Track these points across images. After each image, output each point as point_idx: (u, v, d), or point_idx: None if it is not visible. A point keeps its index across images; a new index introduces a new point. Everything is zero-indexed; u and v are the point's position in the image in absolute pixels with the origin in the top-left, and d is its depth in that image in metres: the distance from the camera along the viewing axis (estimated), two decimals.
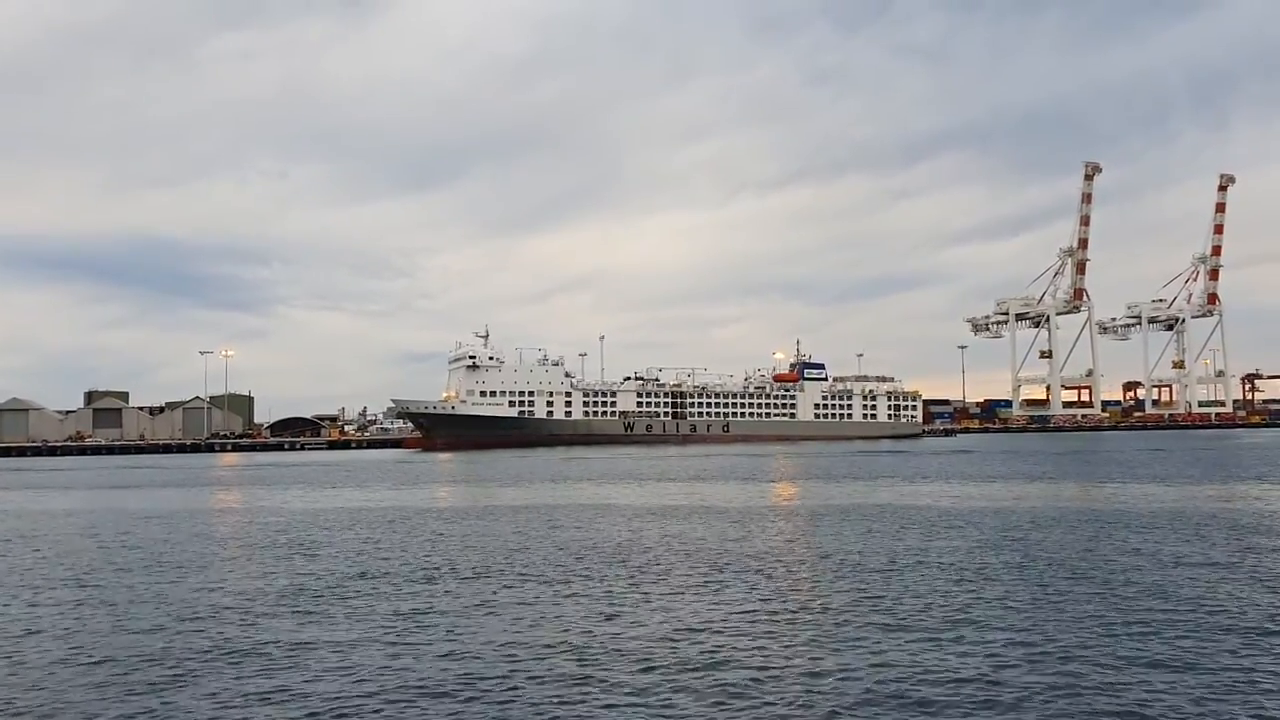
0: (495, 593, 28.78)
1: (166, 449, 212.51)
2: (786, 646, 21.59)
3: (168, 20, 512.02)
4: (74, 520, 55.00)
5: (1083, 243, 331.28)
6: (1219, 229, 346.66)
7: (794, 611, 25.31)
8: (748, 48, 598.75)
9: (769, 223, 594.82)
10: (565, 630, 23.52)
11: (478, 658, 21.10)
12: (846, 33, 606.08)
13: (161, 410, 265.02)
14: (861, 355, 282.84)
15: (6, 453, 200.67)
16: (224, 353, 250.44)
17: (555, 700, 18.04)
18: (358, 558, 36.48)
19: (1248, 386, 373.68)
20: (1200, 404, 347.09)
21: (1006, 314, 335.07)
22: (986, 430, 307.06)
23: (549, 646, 21.90)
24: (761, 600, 26.87)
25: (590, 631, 23.33)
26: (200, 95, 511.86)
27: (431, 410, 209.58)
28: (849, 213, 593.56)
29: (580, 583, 30.08)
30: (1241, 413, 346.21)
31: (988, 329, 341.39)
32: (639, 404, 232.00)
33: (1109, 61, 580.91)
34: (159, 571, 34.18)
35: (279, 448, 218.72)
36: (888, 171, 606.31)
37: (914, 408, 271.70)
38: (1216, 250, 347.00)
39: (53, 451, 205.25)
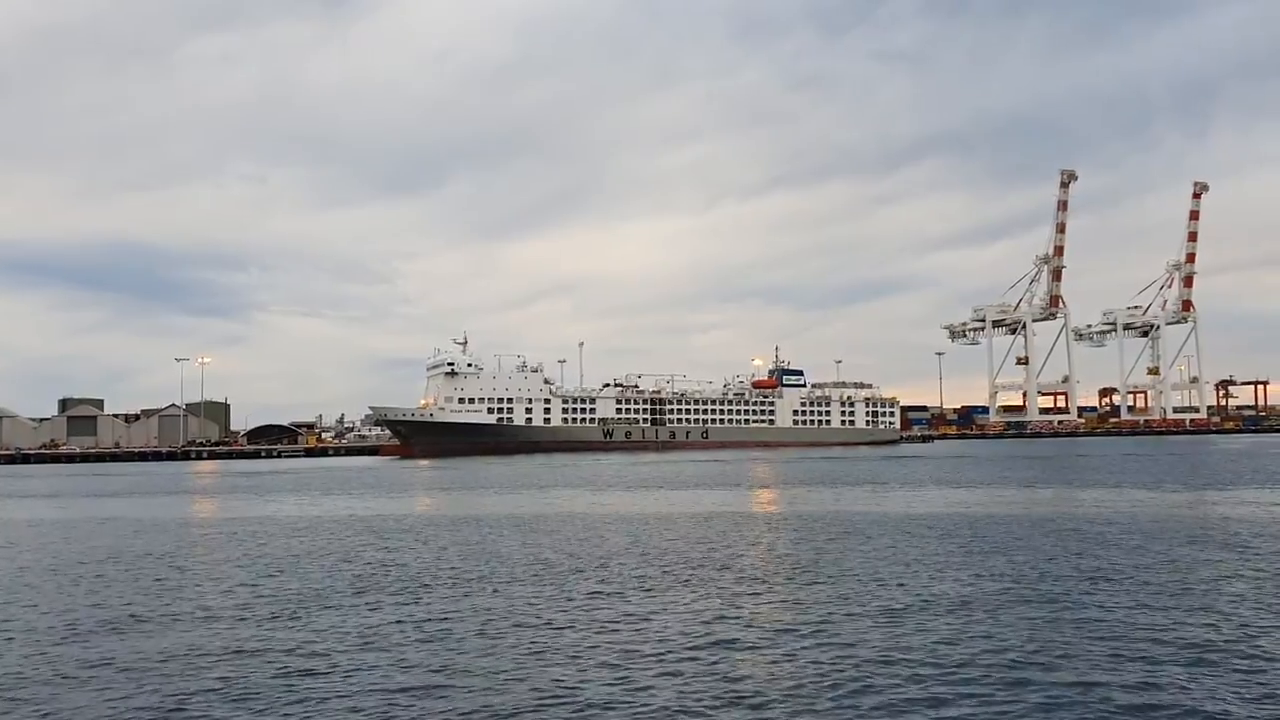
0: (490, 602, 28.84)
1: (142, 456, 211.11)
2: (777, 650, 21.85)
3: (145, 22, 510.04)
4: (50, 530, 54.68)
5: (1058, 250, 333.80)
6: (1193, 236, 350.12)
7: (786, 615, 25.56)
8: (731, 52, 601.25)
9: (750, 229, 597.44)
10: (562, 635, 23.72)
11: (472, 662, 21.27)
12: (830, 38, 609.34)
13: (137, 418, 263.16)
14: (840, 362, 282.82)
15: None
16: (200, 359, 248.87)
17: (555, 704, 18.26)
18: (346, 568, 36.35)
19: (1222, 393, 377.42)
20: (1175, 410, 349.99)
21: (983, 321, 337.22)
22: (964, 436, 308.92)
23: (545, 650, 22.11)
24: (748, 603, 27.12)
25: (584, 635, 23.55)
26: (178, 98, 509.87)
27: (409, 418, 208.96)
28: (830, 219, 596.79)
29: (577, 588, 30.26)
30: (1216, 418, 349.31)
31: (965, 336, 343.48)
32: (618, 410, 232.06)
33: (1091, 68, 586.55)
34: (141, 583, 34.04)
35: (255, 455, 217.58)
36: (869, 177, 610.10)
37: (892, 414, 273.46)
38: (1191, 257, 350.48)
39: (26, 459, 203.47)
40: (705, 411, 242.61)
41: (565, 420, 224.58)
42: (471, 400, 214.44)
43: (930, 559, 35.28)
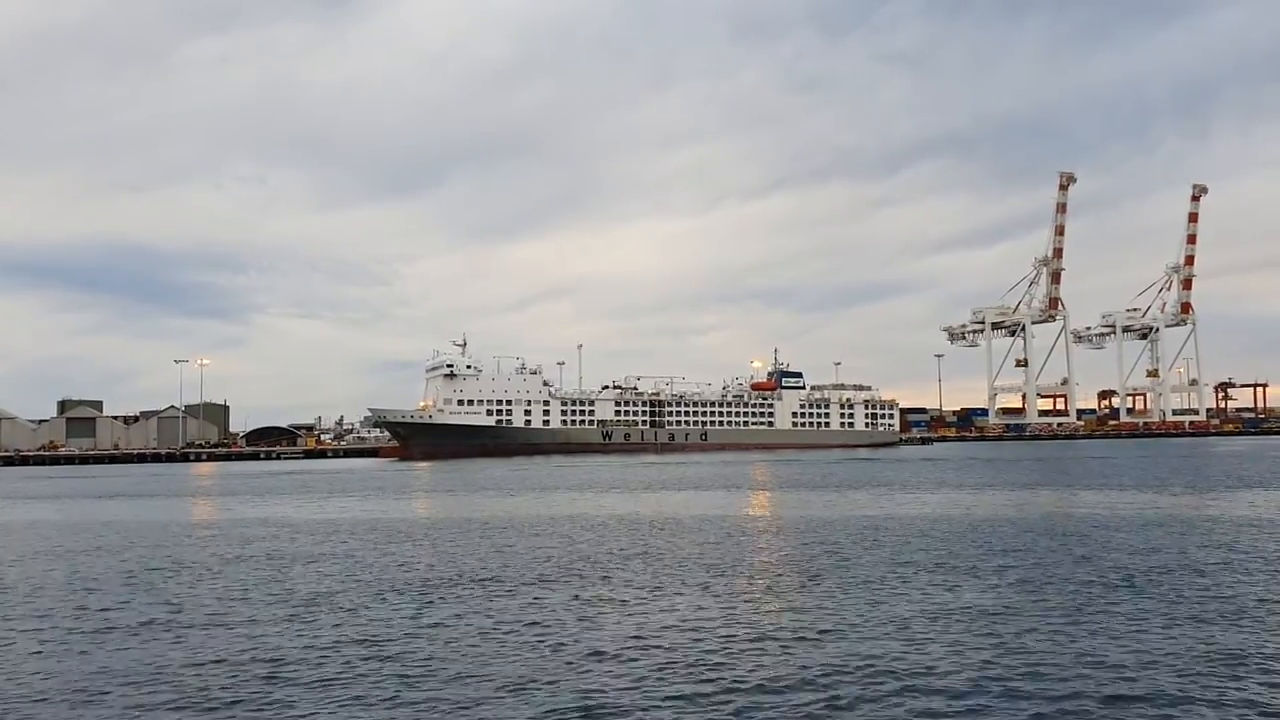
0: (507, 605, 28.70)
1: (141, 459, 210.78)
2: (790, 656, 21.78)
3: (143, 23, 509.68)
4: (50, 533, 54.57)
5: (1057, 252, 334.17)
6: (1192, 239, 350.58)
7: (801, 620, 25.46)
8: (730, 54, 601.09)
9: (749, 231, 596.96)
10: (578, 638, 23.64)
11: (491, 666, 21.18)
12: (830, 39, 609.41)
13: (136, 419, 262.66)
14: (839, 364, 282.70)
15: None
16: (199, 361, 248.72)
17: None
18: (357, 571, 36.17)
19: (1221, 395, 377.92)
20: (1174, 412, 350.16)
21: (983, 323, 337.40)
22: (963, 439, 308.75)
23: (560, 654, 22.04)
24: (760, 608, 27.03)
25: (597, 639, 23.48)
26: (177, 100, 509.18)
27: (409, 419, 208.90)
28: (829, 221, 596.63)
29: (589, 592, 30.16)
30: (1215, 421, 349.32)
31: (964, 338, 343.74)
32: (617, 413, 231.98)
33: (1091, 70, 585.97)
34: (151, 587, 33.89)
35: (254, 457, 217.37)
36: (869, 179, 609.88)
37: (891, 416, 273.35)
38: (1190, 260, 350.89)
39: (25, 461, 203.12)
40: (704, 414, 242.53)
41: (564, 422, 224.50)
42: (470, 402, 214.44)
43: (939, 563, 35.17)
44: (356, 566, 36.56)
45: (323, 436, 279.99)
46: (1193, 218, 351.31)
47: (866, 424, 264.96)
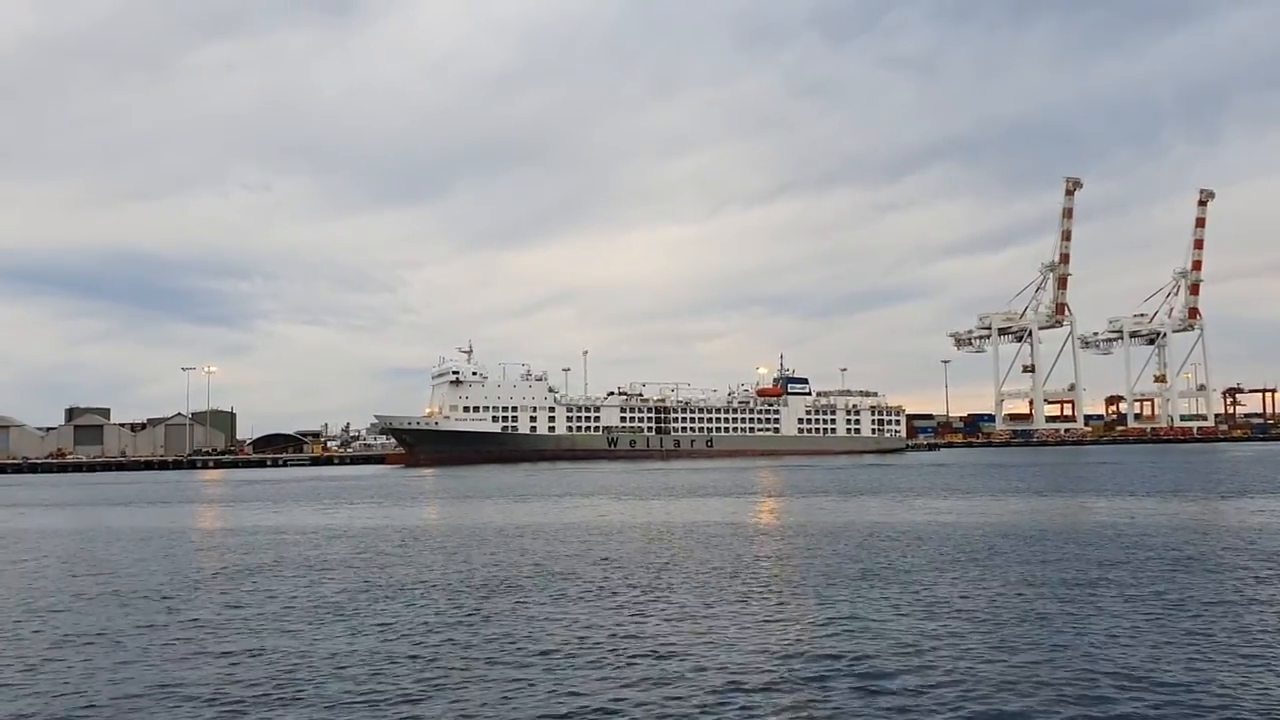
0: (535, 614, 28.67)
1: (148, 466, 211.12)
2: (783, 658, 21.69)
3: (147, 30, 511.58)
4: (61, 540, 54.58)
5: (1064, 258, 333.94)
6: (1199, 244, 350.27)
7: (796, 626, 25.37)
8: (735, 59, 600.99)
9: (754, 236, 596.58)
10: (608, 646, 23.58)
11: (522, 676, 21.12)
12: (835, 44, 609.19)
13: (143, 427, 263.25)
14: (845, 370, 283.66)
15: None
16: (206, 369, 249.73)
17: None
18: (376, 577, 36.14)
19: (1229, 400, 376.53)
20: (1182, 418, 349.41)
21: (989, 328, 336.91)
22: (970, 445, 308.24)
23: (589, 663, 21.96)
24: (756, 613, 26.93)
25: (593, 645, 23.40)
26: (181, 107, 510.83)
27: (415, 426, 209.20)
28: (835, 226, 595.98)
29: (606, 602, 30.07)
30: (1223, 426, 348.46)
31: (971, 343, 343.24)
32: (622, 419, 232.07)
33: (1099, 74, 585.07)
34: (175, 594, 33.86)
35: (261, 464, 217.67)
36: (875, 185, 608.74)
37: (897, 422, 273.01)
38: (1197, 265, 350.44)
39: (33, 469, 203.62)
40: (710, 420, 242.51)
41: (570, 429, 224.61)
42: (476, 409, 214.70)
43: (957, 574, 35.04)
44: (376, 574, 36.41)
45: (329, 443, 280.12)
46: (1200, 223, 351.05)
47: (873, 430, 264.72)
